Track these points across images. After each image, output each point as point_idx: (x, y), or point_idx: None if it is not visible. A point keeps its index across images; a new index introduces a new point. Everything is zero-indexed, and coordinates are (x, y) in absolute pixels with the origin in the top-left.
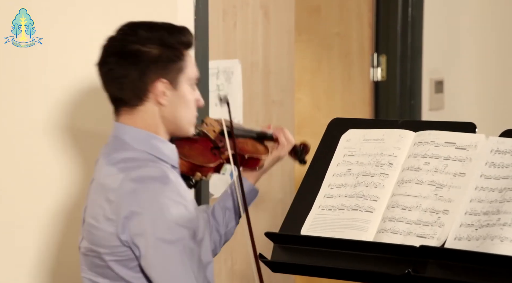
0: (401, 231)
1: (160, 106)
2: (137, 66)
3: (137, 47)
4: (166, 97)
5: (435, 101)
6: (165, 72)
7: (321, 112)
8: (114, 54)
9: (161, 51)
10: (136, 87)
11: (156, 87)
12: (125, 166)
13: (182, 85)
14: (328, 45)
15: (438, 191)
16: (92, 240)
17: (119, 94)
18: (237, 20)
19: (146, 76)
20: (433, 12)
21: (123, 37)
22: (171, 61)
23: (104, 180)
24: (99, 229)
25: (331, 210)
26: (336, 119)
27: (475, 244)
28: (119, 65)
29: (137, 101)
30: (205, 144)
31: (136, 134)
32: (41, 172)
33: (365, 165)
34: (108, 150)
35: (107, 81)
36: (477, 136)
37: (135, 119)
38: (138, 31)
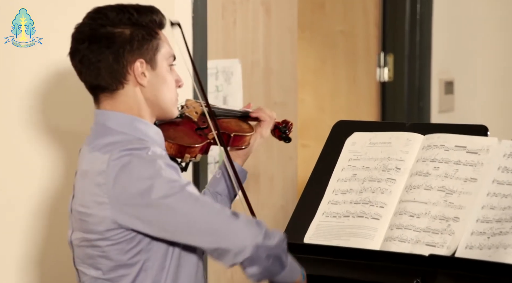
0: (409, 239)
1: (141, 88)
2: (112, 49)
3: (109, 29)
4: (146, 78)
5: (444, 102)
6: (141, 52)
7: (325, 114)
8: (85, 40)
9: (134, 31)
10: (114, 71)
11: (136, 67)
12: (110, 149)
13: (160, 64)
14: (332, 44)
15: (448, 197)
16: (85, 228)
17: (97, 81)
18: (237, 17)
19: (123, 57)
20: (442, 9)
21: (92, 21)
22: (146, 40)
23: (90, 166)
24: (91, 216)
25: (336, 217)
26: (341, 121)
27: (487, 253)
28: (92, 51)
29: (117, 84)
30: (189, 126)
31: (119, 118)
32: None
33: (371, 170)
34: (91, 138)
35: (82, 69)
36: (489, 139)
37: (117, 104)
38: (107, 13)
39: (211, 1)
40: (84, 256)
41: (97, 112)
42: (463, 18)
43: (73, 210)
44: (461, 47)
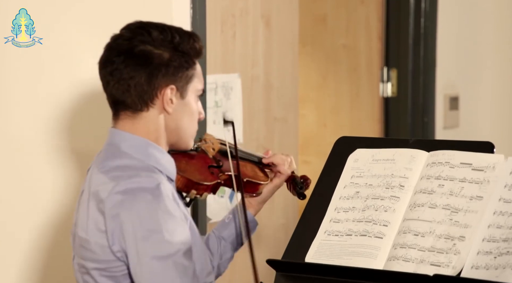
0: (413, 258)
1: (165, 114)
2: (146, 68)
3: (149, 48)
4: (172, 105)
5: (449, 118)
6: (175, 79)
7: (327, 130)
8: (121, 53)
9: (173, 56)
10: (143, 91)
11: (165, 93)
12: (117, 174)
13: (190, 94)
14: (334, 58)
15: (454, 215)
16: (84, 255)
17: (123, 97)
18: (236, 31)
19: (156, 80)
20: (447, 23)
21: (134, 36)
22: (182, 68)
23: (96, 189)
24: (91, 243)
25: (338, 235)
26: (343, 137)
27: (494, 273)
28: (127, 66)
29: (142, 106)
30: (203, 161)
31: (133, 141)
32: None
33: (375, 187)
34: (101, 158)
35: (111, 82)
36: (495, 156)
37: (137, 125)
38: (150, 31)
39: (210, 14)
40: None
41: (112, 131)
42: (468, 32)
43: (76, 235)
44: (466, 61)
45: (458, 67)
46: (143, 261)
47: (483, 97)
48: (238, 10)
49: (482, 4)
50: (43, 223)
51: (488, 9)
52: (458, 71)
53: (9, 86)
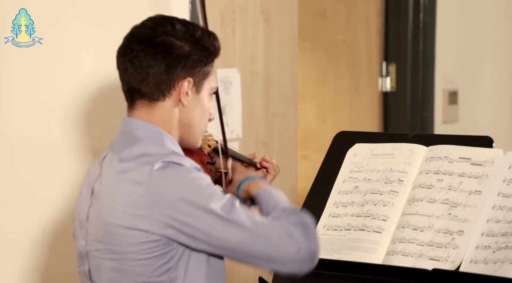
0: (412, 253)
1: (180, 107)
2: (166, 59)
3: (171, 39)
4: (188, 98)
5: (448, 113)
6: (193, 72)
7: (326, 125)
8: (143, 41)
9: (194, 50)
10: (161, 81)
11: (182, 85)
12: (146, 160)
13: (204, 90)
14: (334, 53)
15: (452, 210)
16: (112, 240)
17: (140, 85)
18: (236, 26)
19: (174, 71)
20: (446, 17)
21: (156, 26)
22: (201, 63)
23: (123, 176)
24: (125, 228)
25: (337, 230)
26: (342, 132)
27: (493, 267)
28: (147, 54)
29: (159, 95)
30: (200, 158)
31: (148, 130)
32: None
33: (373, 182)
34: (119, 146)
35: (129, 69)
36: (494, 151)
37: (152, 115)
38: (174, 23)
39: (210, 10)
40: (107, 269)
41: (126, 120)
42: (468, 26)
43: (95, 220)
44: (465, 56)
45: (457, 61)
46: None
47: (482, 91)
48: (238, 6)
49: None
50: (45, 220)
51: (487, 3)
52: (457, 66)
53: (9, 86)
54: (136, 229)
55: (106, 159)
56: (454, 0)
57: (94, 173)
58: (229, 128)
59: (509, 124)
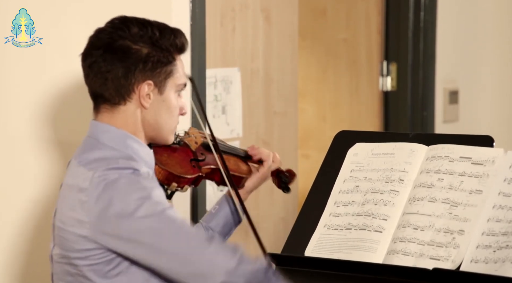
0: (412, 252)
1: (142, 109)
2: (124, 63)
3: (127, 43)
4: (150, 100)
5: (449, 112)
6: (152, 74)
7: (326, 124)
8: (100, 47)
9: (152, 52)
10: (120, 85)
11: (142, 88)
12: (96, 165)
13: (168, 90)
14: (334, 52)
15: (453, 209)
16: (63, 245)
17: (101, 90)
18: (236, 25)
19: (132, 75)
20: (447, 16)
21: (113, 30)
22: (161, 64)
23: (74, 181)
24: (70, 233)
25: (338, 229)
26: (343, 131)
27: (493, 267)
28: (105, 59)
29: (120, 99)
30: (184, 155)
31: (112, 132)
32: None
33: (374, 181)
34: (80, 151)
35: (90, 74)
36: (494, 150)
37: (115, 118)
38: (130, 27)
39: (210, 8)
40: (62, 273)
41: (92, 123)
42: (468, 26)
43: (55, 225)
44: (466, 55)
45: (457, 61)
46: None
47: (483, 91)
48: (238, 4)
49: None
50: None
51: (487, 3)
52: (457, 65)
53: (9, 86)
54: (80, 236)
55: (70, 163)
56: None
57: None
58: (229, 127)
59: (509, 123)
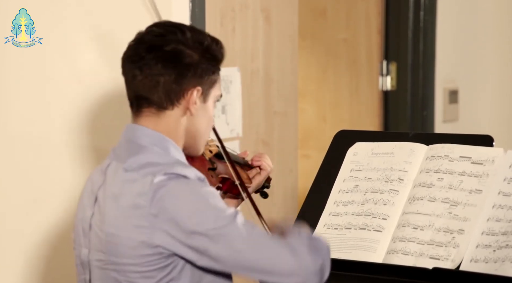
0: (412, 252)
1: (188, 115)
2: (177, 68)
3: (181, 47)
4: (196, 107)
5: (449, 112)
6: (201, 81)
7: (326, 123)
8: (153, 48)
9: (203, 58)
10: (171, 90)
11: (192, 94)
12: (149, 170)
13: (210, 99)
14: (334, 52)
15: (453, 209)
16: (114, 251)
17: (149, 93)
18: (236, 25)
19: (184, 80)
20: (447, 16)
21: (167, 33)
22: (209, 71)
23: (126, 187)
24: (125, 239)
25: (337, 229)
26: (343, 131)
27: (493, 266)
28: (158, 62)
29: (168, 104)
30: (202, 164)
31: (154, 138)
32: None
33: (374, 181)
34: (124, 154)
35: (138, 76)
36: (494, 150)
37: (159, 123)
38: (184, 31)
39: (210, 8)
40: (109, 280)
41: (131, 126)
42: (468, 25)
43: (97, 229)
44: (466, 55)
45: (457, 60)
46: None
47: (483, 90)
48: (238, 4)
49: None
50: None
51: (487, 2)
52: (457, 65)
53: (9, 86)
54: (137, 241)
55: (111, 167)
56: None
57: (97, 180)
58: (229, 127)
59: (509, 123)
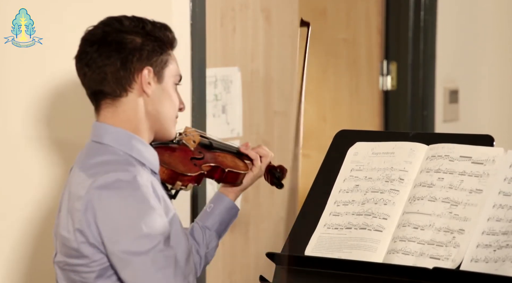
0: (413, 252)
1: (145, 98)
2: (121, 54)
3: (121, 35)
4: (151, 87)
5: (449, 111)
6: (149, 62)
7: (327, 123)
8: (95, 42)
9: (146, 41)
10: (120, 76)
11: (142, 75)
12: (96, 171)
13: (167, 79)
14: (334, 52)
15: (453, 209)
16: (66, 252)
17: (101, 86)
18: (236, 25)
19: (131, 64)
20: (447, 16)
21: (105, 26)
22: (156, 52)
23: (74, 188)
24: (71, 240)
25: (338, 229)
26: (343, 131)
27: (494, 266)
28: (101, 54)
29: (121, 91)
30: (184, 154)
31: (116, 134)
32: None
33: (374, 180)
34: (83, 156)
35: (88, 73)
36: (495, 149)
37: (117, 113)
38: (121, 20)
39: (210, 8)
40: (68, 280)
41: (95, 125)
42: (468, 25)
43: (58, 234)
44: (466, 55)
45: (458, 60)
46: (122, 258)
47: (483, 90)
48: (238, 4)
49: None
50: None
51: (487, 3)
52: (457, 65)
53: (9, 86)
54: (79, 242)
55: (73, 169)
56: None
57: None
58: (229, 126)
59: (509, 123)
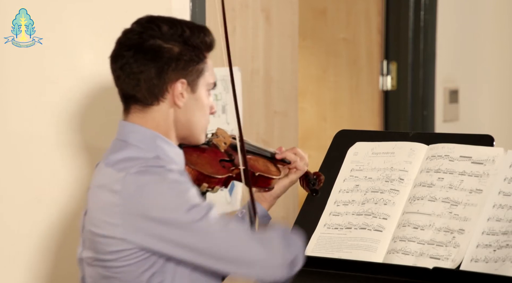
0: (413, 251)
1: (175, 108)
2: (156, 63)
3: (158, 42)
4: (183, 99)
5: (449, 111)
6: (185, 73)
7: (327, 123)
8: (131, 47)
9: (183, 50)
10: (153, 85)
11: (175, 87)
12: (124, 166)
13: (200, 88)
14: (334, 52)
15: (453, 208)
16: (97, 248)
17: (133, 91)
18: (236, 25)
19: (166, 74)
20: (447, 16)
21: (143, 30)
22: (193, 62)
23: (103, 183)
24: (103, 236)
25: (338, 229)
26: (343, 131)
27: (494, 266)
28: (137, 60)
29: (153, 100)
30: (214, 155)
31: (141, 133)
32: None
33: (374, 180)
34: (108, 152)
35: (121, 76)
36: (495, 149)
37: (146, 119)
38: (160, 25)
39: (210, 8)
40: (97, 276)
41: (121, 123)
42: (468, 25)
43: (85, 228)
44: (466, 55)
45: (457, 60)
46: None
47: (483, 90)
48: (238, 4)
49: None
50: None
51: (487, 2)
52: (457, 65)
53: (9, 86)
54: (113, 238)
55: (99, 165)
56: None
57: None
58: (229, 126)
59: (509, 123)
